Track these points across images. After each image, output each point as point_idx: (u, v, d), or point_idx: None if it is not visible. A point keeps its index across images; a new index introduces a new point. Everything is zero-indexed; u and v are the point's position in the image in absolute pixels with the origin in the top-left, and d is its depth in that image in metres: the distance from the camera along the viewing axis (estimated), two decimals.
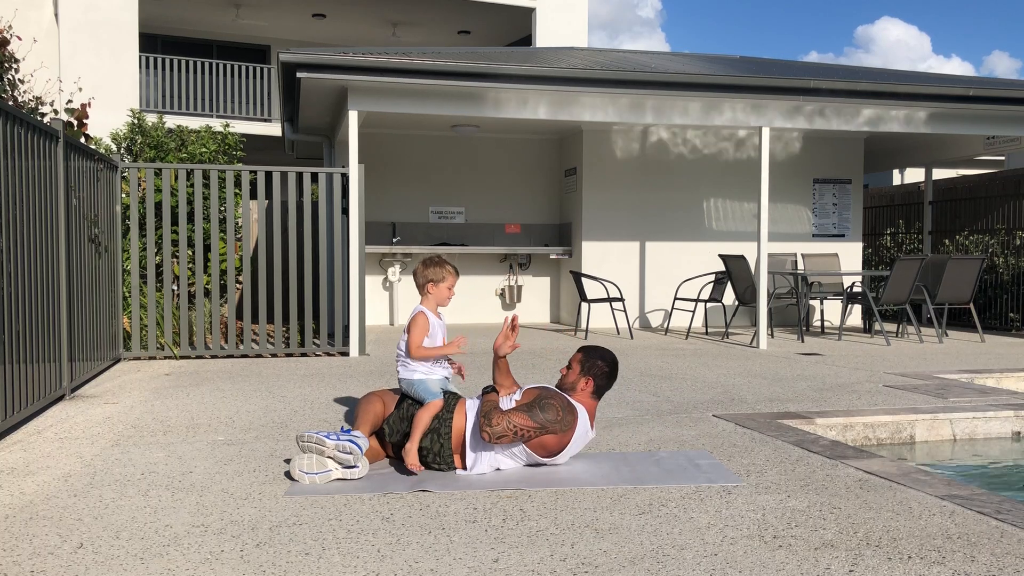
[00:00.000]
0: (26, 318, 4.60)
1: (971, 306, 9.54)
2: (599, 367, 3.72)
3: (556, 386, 3.78)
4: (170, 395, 5.54)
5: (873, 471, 3.63)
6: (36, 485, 3.39)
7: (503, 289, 11.46)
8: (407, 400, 3.74)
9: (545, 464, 3.67)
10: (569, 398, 3.65)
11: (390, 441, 3.75)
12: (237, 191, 10.75)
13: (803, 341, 9.22)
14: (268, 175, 15.20)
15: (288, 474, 3.54)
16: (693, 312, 9.87)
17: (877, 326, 10.55)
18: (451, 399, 3.70)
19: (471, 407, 3.67)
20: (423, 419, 3.57)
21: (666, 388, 5.91)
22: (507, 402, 3.66)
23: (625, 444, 4.17)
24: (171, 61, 17.25)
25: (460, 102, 7.97)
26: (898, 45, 78.38)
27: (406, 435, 3.66)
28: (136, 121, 10.81)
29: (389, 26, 18.83)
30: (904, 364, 7.30)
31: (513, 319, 3.74)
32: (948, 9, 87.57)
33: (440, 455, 3.60)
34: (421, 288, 3.83)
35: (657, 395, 5.60)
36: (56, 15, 16.11)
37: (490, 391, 3.65)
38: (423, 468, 3.57)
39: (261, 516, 2.99)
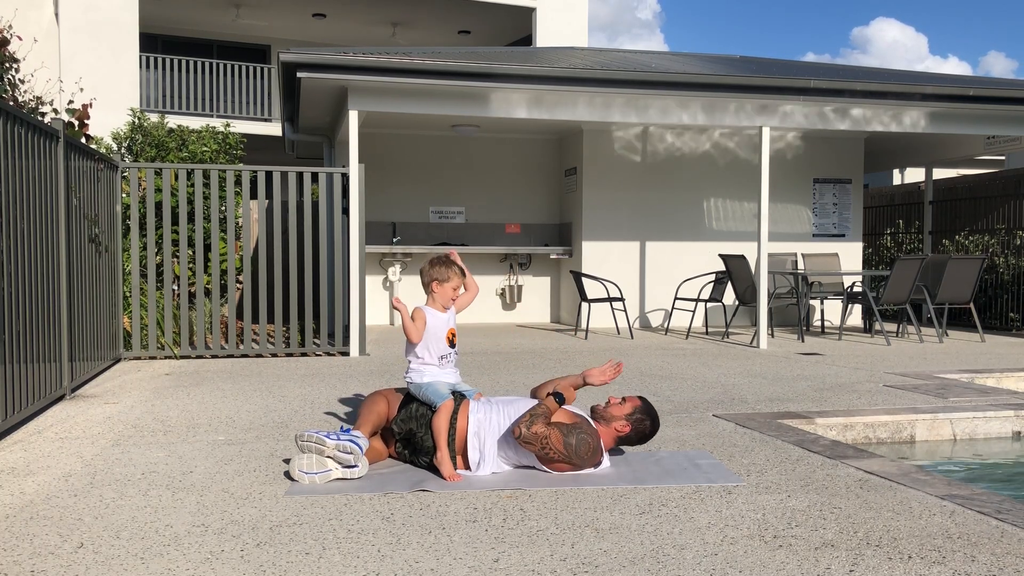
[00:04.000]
0: (26, 318, 4.60)
1: (971, 306, 9.54)
2: (644, 425, 3.71)
3: (594, 407, 3.78)
4: (170, 395, 5.54)
5: (873, 471, 3.63)
6: (36, 485, 3.39)
7: (503, 289, 11.46)
8: (416, 401, 3.73)
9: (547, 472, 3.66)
10: (600, 435, 3.63)
11: (398, 439, 3.73)
12: (237, 191, 10.75)
13: (803, 341, 9.22)
14: (268, 175, 15.20)
15: (288, 474, 3.54)
16: (693, 312, 9.87)
17: (877, 326, 10.55)
18: (456, 400, 3.69)
19: (475, 409, 3.66)
20: (440, 425, 3.54)
21: (666, 388, 5.91)
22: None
23: None
24: (171, 61, 17.25)
25: (460, 102, 7.97)
26: (895, 46, 78.37)
27: (412, 432, 3.66)
28: (137, 121, 10.81)
29: (389, 26, 18.83)
30: (904, 364, 7.30)
31: (619, 365, 3.82)
32: (945, 10, 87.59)
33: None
34: (426, 287, 3.81)
35: (657, 395, 5.60)
36: (56, 15, 16.11)
37: (559, 400, 3.59)
38: (461, 477, 3.52)
39: (261, 516, 2.99)
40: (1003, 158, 18.75)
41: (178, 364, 7.07)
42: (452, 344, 3.78)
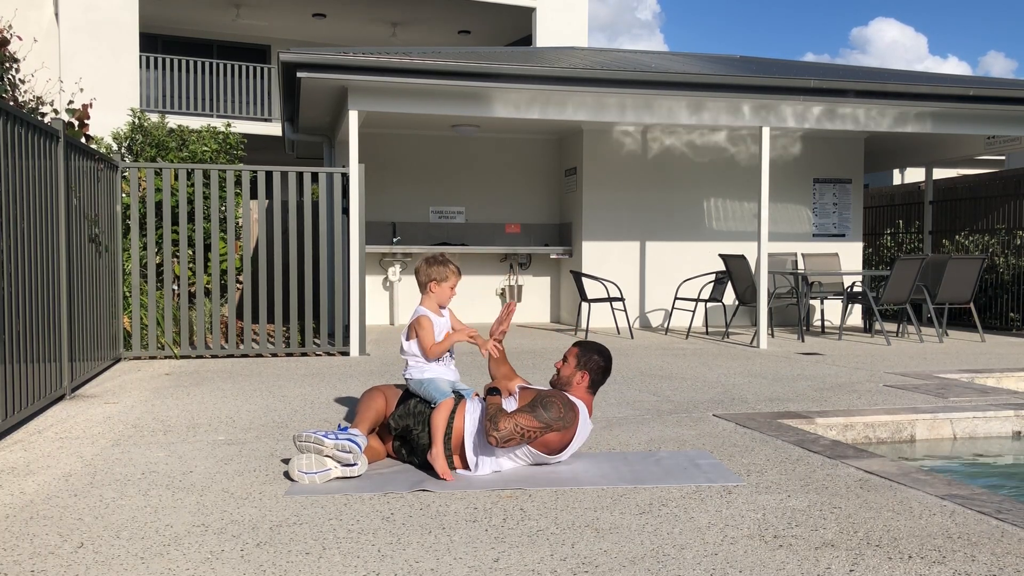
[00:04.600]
0: (26, 318, 4.60)
1: (971, 306, 9.54)
2: (595, 361, 3.74)
3: (551, 381, 3.80)
4: (170, 395, 5.54)
5: (873, 471, 3.63)
6: (36, 485, 3.39)
7: (503, 289, 11.46)
8: (414, 397, 3.73)
9: (547, 463, 3.67)
10: (568, 395, 3.65)
11: (394, 434, 3.74)
12: (237, 191, 10.75)
13: (803, 341, 9.22)
14: (268, 175, 15.21)
15: (287, 474, 3.53)
16: (693, 312, 9.87)
17: (877, 326, 10.55)
18: (455, 399, 3.69)
19: (471, 409, 3.66)
20: (438, 422, 3.54)
21: (666, 388, 5.91)
22: (509, 404, 3.66)
23: (625, 444, 4.17)
24: (171, 61, 17.25)
25: (460, 102, 7.97)
26: (894, 46, 78.40)
27: (408, 429, 3.65)
28: (137, 121, 10.81)
29: (389, 26, 18.84)
30: (904, 364, 7.30)
31: (510, 305, 3.84)
32: (944, 10, 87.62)
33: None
34: (423, 287, 3.81)
35: (657, 395, 5.60)
36: (56, 15, 16.11)
37: (495, 394, 3.64)
38: (453, 477, 3.51)
39: (261, 516, 2.99)
40: (1003, 158, 18.75)
41: (178, 364, 7.07)
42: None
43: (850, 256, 11.59)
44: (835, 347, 8.65)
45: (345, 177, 7.96)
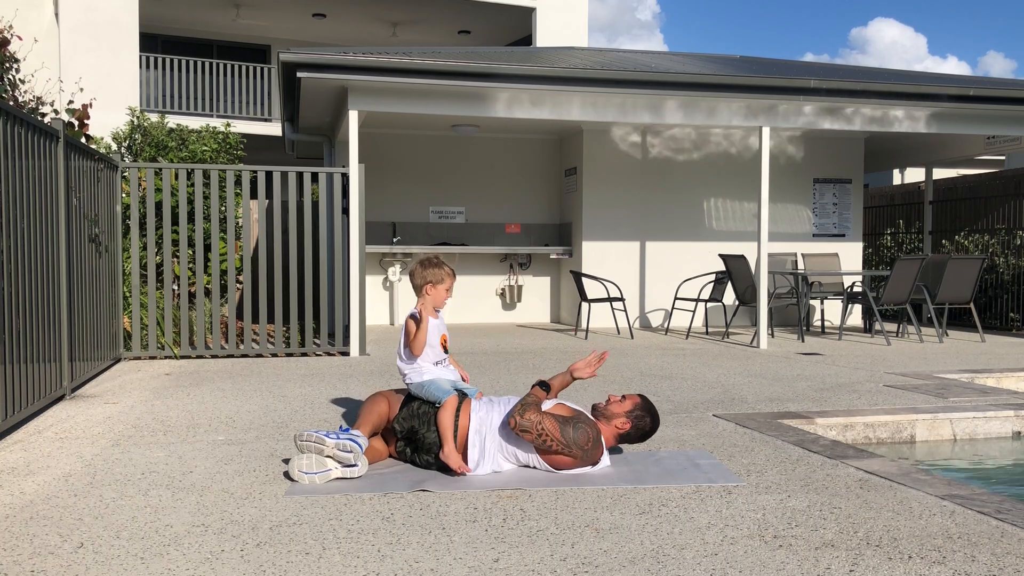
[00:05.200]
0: (26, 318, 4.60)
1: (971, 306, 9.54)
2: (644, 423, 3.74)
3: (595, 404, 3.80)
4: (170, 395, 5.54)
5: (873, 471, 3.63)
6: (36, 485, 3.39)
7: (503, 289, 11.46)
8: (417, 399, 3.73)
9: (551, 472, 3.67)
10: (600, 430, 3.65)
11: (399, 436, 3.74)
12: (237, 191, 10.76)
13: (803, 341, 9.22)
14: (268, 175, 15.20)
15: (287, 474, 3.53)
16: (693, 312, 9.87)
17: (877, 326, 10.55)
18: (459, 397, 3.69)
19: (476, 408, 3.66)
20: (446, 420, 3.54)
21: (666, 388, 5.91)
22: (544, 406, 3.66)
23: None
24: (171, 61, 17.26)
25: (460, 102, 7.97)
26: (894, 46, 78.49)
27: (414, 431, 3.66)
28: (136, 120, 10.81)
29: (389, 26, 18.84)
30: (904, 364, 7.30)
31: (604, 354, 3.80)
32: (944, 10, 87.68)
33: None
34: (418, 289, 3.80)
35: (657, 395, 5.60)
36: (56, 15, 16.11)
37: (544, 388, 3.64)
38: (470, 470, 3.52)
39: (261, 516, 2.99)
40: (1003, 158, 18.76)
41: (178, 364, 7.07)
42: (445, 349, 3.79)
43: (850, 256, 11.59)
44: (835, 347, 8.65)
45: (345, 177, 7.95)
